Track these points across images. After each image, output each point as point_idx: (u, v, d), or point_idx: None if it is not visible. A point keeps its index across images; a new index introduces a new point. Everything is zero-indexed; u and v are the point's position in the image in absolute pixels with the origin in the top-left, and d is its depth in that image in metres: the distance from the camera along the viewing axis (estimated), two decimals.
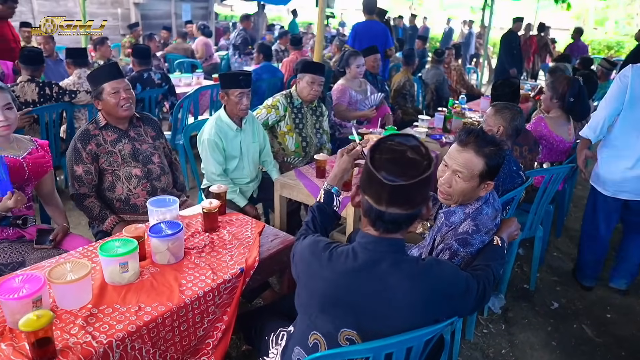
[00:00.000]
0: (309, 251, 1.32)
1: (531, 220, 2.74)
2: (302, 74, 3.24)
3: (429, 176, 1.14)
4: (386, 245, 1.22)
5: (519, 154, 2.73)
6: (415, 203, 1.16)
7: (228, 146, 2.84)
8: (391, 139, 1.21)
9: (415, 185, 1.12)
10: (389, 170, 1.13)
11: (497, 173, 1.62)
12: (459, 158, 1.59)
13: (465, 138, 1.60)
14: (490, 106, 2.42)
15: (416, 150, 1.18)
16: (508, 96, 3.03)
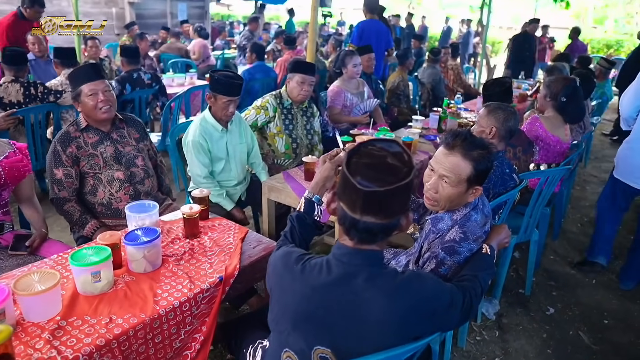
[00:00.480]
0: (282, 263, 1.25)
1: (526, 224, 2.66)
2: (291, 74, 3.16)
3: (408, 185, 1.06)
4: (362, 258, 1.15)
5: (513, 155, 2.66)
6: (392, 212, 1.09)
7: (213, 147, 2.76)
8: (372, 143, 1.13)
9: (391, 193, 1.04)
10: (364, 176, 1.06)
11: (485, 178, 1.55)
12: (445, 162, 1.52)
13: (451, 141, 1.52)
14: (483, 107, 2.34)
15: (398, 156, 1.10)
16: (499, 96, 2.95)
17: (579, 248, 3.55)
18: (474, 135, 1.53)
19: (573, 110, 2.96)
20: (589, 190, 4.79)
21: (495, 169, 2.10)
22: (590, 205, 4.37)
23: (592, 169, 5.47)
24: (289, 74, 3.19)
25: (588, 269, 3.21)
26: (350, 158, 1.10)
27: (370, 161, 1.09)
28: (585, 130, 3.50)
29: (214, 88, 2.69)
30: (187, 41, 8.68)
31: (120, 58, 4.30)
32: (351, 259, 1.15)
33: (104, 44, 8.05)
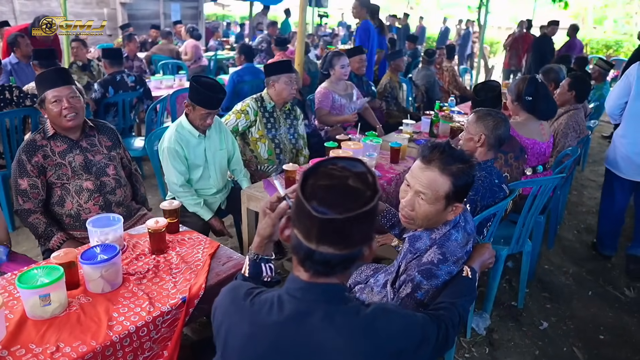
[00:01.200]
0: (229, 298, 1.11)
1: (518, 234, 2.54)
2: (276, 76, 3.03)
3: (371, 211, 0.93)
4: (318, 293, 1.01)
5: (504, 162, 2.53)
6: (353, 242, 0.96)
7: (190, 154, 2.64)
8: (334, 162, 1.00)
9: (351, 221, 0.92)
10: (321, 200, 0.93)
11: (466, 194, 1.42)
12: (421, 177, 1.39)
13: (428, 154, 1.40)
14: (472, 112, 2.22)
15: (361, 178, 0.97)
16: (490, 101, 2.83)
17: (576, 257, 3.43)
18: (453, 148, 1.41)
19: (542, 107, 2.89)
20: (586, 195, 4.67)
21: (484, 180, 1.98)
22: (587, 211, 4.25)
23: (589, 172, 5.34)
24: (271, 77, 3.05)
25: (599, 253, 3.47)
26: (306, 180, 0.97)
27: (328, 183, 0.96)
28: (581, 134, 3.37)
29: (194, 98, 2.56)
30: (180, 42, 8.56)
31: (103, 60, 4.18)
32: (305, 294, 1.01)
33: (95, 44, 7.96)
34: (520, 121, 2.97)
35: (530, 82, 2.92)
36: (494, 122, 2.05)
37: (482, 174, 2.00)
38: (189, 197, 2.61)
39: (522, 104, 2.92)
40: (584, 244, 3.63)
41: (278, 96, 3.05)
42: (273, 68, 3.03)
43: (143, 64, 6.14)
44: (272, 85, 3.03)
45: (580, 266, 3.29)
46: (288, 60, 3.20)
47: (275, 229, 1.25)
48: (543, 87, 2.97)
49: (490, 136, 2.05)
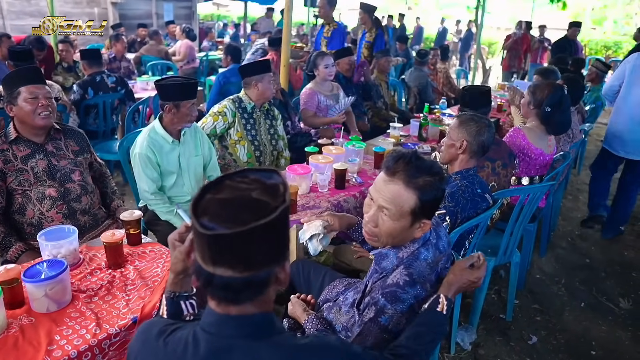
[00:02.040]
0: (141, 341, 0.97)
1: (505, 245, 2.41)
2: (258, 75, 2.90)
3: (272, 224, 0.79)
4: (234, 327, 0.87)
5: (491, 171, 2.40)
6: (253, 262, 0.82)
7: (163, 161, 2.52)
8: (245, 174, 0.88)
9: (245, 237, 0.78)
10: (214, 216, 0.80)
11: (434, 210, 1.30)
12: (385, 191, 1.27)
13: (392, 165, 1.27)
14: (455, 117, 2.09)
15: (271, 190, 0.84)
16: (478, 104, 2.68)
17: (568, 266, 3.30)
18: (421, 158, 1.28)
19: (557, 122, 2.67)
20: (581, 201, 4.54)
21: (465, 190, 1.86)
22: (583, 217, 4.12)
23: (585, 176, 5.20)
24: (253, 77, 2.91)
25: (593, 223, 3.90)
26: (204, 194, 0.84)
27: (229, 196, 0.83)
28: (574, 139, 3.25)
29: (172, 96, 2.44)
30: (172, 42, 8.44)
31: (81, 61, 4.06)
32: (221, 329, 0.88)
33: (85, 44, 7.83)
34: (531, 127, 2.78)
35: (556, 91, 2.69)
36: (477, 127, 1.93)
37: (464, 183, 1.88)
38: (160, 204, 2.49)
39: (539, 112, 2.72)
40: (578, 253, 3.50)
41: (260, 96, 2.94)
42: (253, 68, 2.91)
43: (131, 65, 6.03)
44: (255, 85, 2.91)
45: (573, 276, 3.17)
46: (267, 60, 3.08)
47: (185, 264, 1.11)
48: (567, 100, 2.73)
49: (473, 143, 1.92)
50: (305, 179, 2.43)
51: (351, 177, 2.62)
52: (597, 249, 3.56)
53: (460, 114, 2.10)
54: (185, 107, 2.44)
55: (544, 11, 15.45)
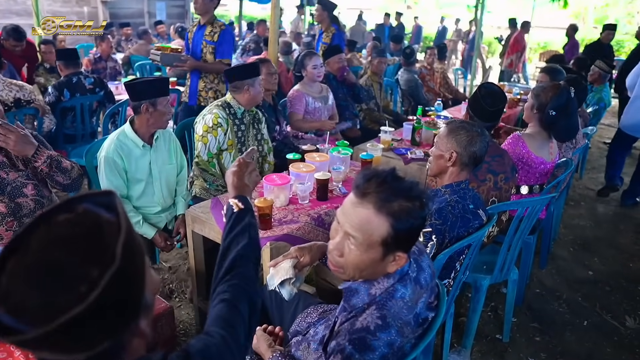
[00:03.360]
0: None
1: (502, 262, 2.21)
2: (251, 79, 2.66)
3: (101, 302, 0.59)
4: None
5: (493, 185, 2.19)
6: (83, 347, 0.61)
7: (131, 167, 2.33)
8: (72, 206, 0.64)
9: (58, 334, 0.58)
10: (12, 307, 0.59)
11: (411, 241, 1.10)
12: (352, 215, 1.07)
13: (363, 185, 1.07)
14: (444, 125, 1.89)
15: (95, 236, 0.62)
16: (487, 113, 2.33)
17: (571, 279, 3.10)
18: (399, 178, 1.08)
19: (563, 127, 2.44)
20: (584, 207, 4.33)
21: (455, 206, 1.66)
22: (585, 225, 3.92)
23: (588, 180, 5.01)
24: (245, 81, 2.68)
25: (608, 191, 4.50)
26: (12, 254, 0.61)
27: (32, 261, 0.60)
28: (577, 144, 3.05)
29: (145, 94, 2.27)
30: (163, 42, 8.24)
31: (57, 62, 3.86)
32: None
33: (73, 45, 7.64)
34: (531, 133, 2.55)
35: (562, 93, 2.44)
36: (467, 137, 1.72)
37: (454, 198, 1.68)
38: None
39: (542, 116, 2.49)
40: (580, 263, 3.30)
41: (252, 100, 2.72)
42: (244, 72, 2.68)
43: (118, 65, 5.83)
44: (247, 90, 2.68)
45: (575, 290, 2.97)
46: (257, 62, 2.88)
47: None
48: (573, 104, 2.49)
49: (463, 154, 1.72)
50: (284, 190, 2.23)
51: (335, 187, 2.42)
52: (601, 260, 3.36)
53: (450, 120, 1.90)
54: (162, 104, 2.29)
55: (544, 10, 15.23)
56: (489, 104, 2.29)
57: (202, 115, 2.69)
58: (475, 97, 2.37)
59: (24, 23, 7.81)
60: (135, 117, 2.35)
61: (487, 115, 2.29)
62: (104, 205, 0.64)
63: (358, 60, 6.80)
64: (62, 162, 2.03)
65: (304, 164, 2.46)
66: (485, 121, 2.26)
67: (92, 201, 0.64)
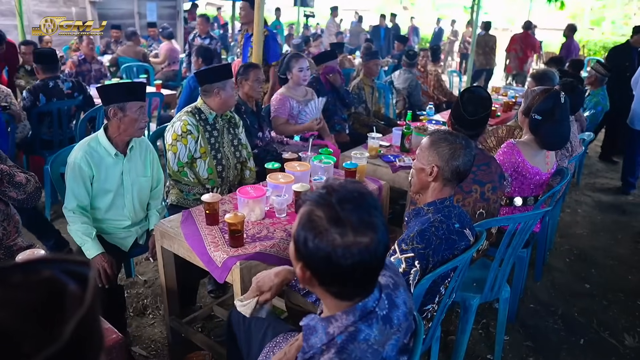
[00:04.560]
0: None
1: (492, 281, 2.07)
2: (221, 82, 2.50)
3: None
4: None
5: (480, 196, 2.05)
6: None
7: (101, 176, 2.18)
8: (36, 268, 0.52)
9: None
10: None
11: (336, 275, 0.95)
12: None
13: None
14: (427, 136, 1.74)
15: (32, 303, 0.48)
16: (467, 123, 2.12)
17: (567, 292, 2.96)
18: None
19: (548, 133, 2.28)
20: (580, 214, 4.19)
21: (439, 227, 1.51)
22: (582, 234, 3.78)
23: (585, 186, 4.87)
24: (215, 85, 2.52)
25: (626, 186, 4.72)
26: None
27: None
28: (574, 152, 2.90)
29: (115, 98, 2.13)
30: (154, 43, 8.10)
31: (35, 65, 3.71)
32: None
33: (60, 46, 7.48)
34: (526, 141, 2.39)
35: (549, 98, 2.27)
36: (450, 149, 1.57)
37: (437, 217, 1.53)
38: (78, 223, 2.12)
39: (529, 120, 2.36)
40: (576, 276, 3.16)
41: (224, 105, 2.58)
42: (214, 74, 2.54)
43: (103, 67, 5.67)
44: (217, 93, 2.54)
45: (571, 305, 2.83)
46: (228, 64, 2.73)
47: None
48: (562, 110, 2.28)
49: (445, 168, 1.57)
50: (259, 203, 2.08)
51: None
52: (598, 271, 3.22)
53: (434, 131, 1.74)
54: (132, 110, 2.13)
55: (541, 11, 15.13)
56: (470, 112, 2.09)
57: (172, 122, 2.55)
58: (457, 103, 2.17)
59: (9, 24, 7.67)
60: (108, 124, 2.22)
61: (467, 124, 2.10)
62: (75, 275, 0.51)
63: (350, 62, 6.66)
64: (15, 175, 1.89)
65: (283, 174, 2.31)
66: (467, 130, 2.10)
67: (64, 268, 0.51)
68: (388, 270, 1.11)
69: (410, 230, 1.50)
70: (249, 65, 3.08)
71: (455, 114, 2.15)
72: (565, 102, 2.27)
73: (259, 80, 3.02)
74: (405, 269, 1.43)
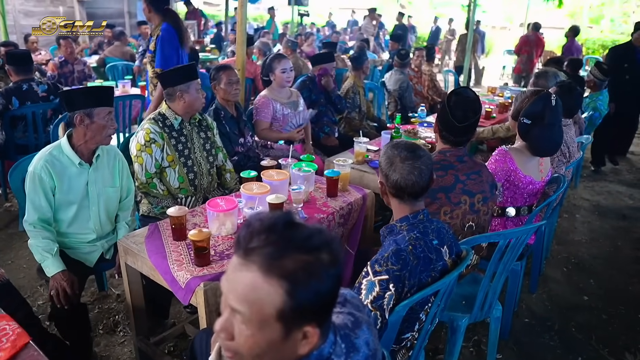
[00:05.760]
0: None
1: (482, 300, 1.91)
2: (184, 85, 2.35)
3: None
4: None
5: (469, 208, 1.89)
6: None
7: (63, 187, 2.03)
8: None
9: None
10: None
11: (325, 309, 0.79)
12: (235, 283, 0.78)
13: (244, 239, 0.77)
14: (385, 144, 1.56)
15: None
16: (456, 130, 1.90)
17: (563, 305, 2.80)
18: (296, 224, 0.77)
19: (536, 138, 2.12)
20: (579, 220, 4.04)
21: (415, 245, 1.35)
22: (580, 241, 3.63)
23: (583, 190, 4.72)
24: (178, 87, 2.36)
25: None
26: None
27: None
28: (571, 158, 2.75)
29: (81, 104, 1.99)
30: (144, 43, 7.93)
31: (7, 67, 3.55)
32: None
33: (47, 47, 7.32)
34: (518, 147, 2.23)
35: (539, 100, 2.12)
36: (386, 163, 1.40)
37: (413, 235, 1.37)
38: (39, 239, 1.98)
39: (518, 124, 2.21)
40: (574, 286, 3.01)
41: (189, 108, 2.43)
42: (177, 76, 2.39)
43: (86, 68, 5.50)
44: (181, 96, 2.39)
45: (568, 319, 2.68)
46: (193, 64, 2.56)
47: None
48: (553, 114, 2.12)
49: (387, 184, 1.42)
50: (230, 216, 1.93)
51: (293, 211, 2.12)
52: (597, 282, 3.07)
53: (392, 141, 1.53)
54: (100, 116, 2.00)
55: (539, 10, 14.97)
56: (459, 118, 1.89)
57: (136, 132, 2.40)
58: (444, 107, 1.96)
59: None
60: (73, 131, 2.07)
61: (456, 131, 1.92)
62: None
63: (342, 62, 6.50)
64: None
65: (259, 184, 2.15)
66: (457, 137, 1.94)
67: None
68: (347, 306, 0.96)
69: (385, 249, 1.35)
70: (219, 68, 2.94)
71: (442, 120, 1.98)
72: (557, 105, 2.11)
73: (232, 82, 2.87)
74: (379, 293, 1.27)
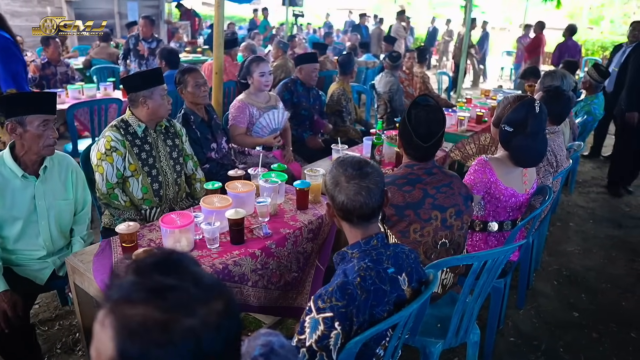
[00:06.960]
0: None
1: (457, 325, 1.77)
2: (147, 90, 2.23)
3: None
4: None
5: (441, 223, 1.75)
6: None
7: (5, 201, 1.90)
8: None
9: None
10: None
11: None
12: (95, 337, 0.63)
13: (108, 293, 0.63)
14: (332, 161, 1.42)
15: None
16: (421, 150, 1.74)
17: (552, 322, 2.65)
18: (163, 259, 0.62)
19: (518, 148, 1.98)
20: (572, 228, 3.89)
21: (365, 276, 1.19)
22: (572, 252, 3.48)
23: (578, 196, 4.58)
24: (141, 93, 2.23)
25: None
26: None
27: None
28: (560, 167, 2.60)
29: (13, 111, 1.85)
30: None
31: None
32: None
33: (35, 47, 7.18)
34: (500, 157, 2.08)
35: (522, 107, 1.96)
36: (332, 182, 1.26)
37: (364, 265, 1.21)
38: None
39: (499, 132, 2.07)
40: (564, 302, 2.86)
41: (153, 115, 2.29)
42: (140, 81, 2.26)
43: (70, 70, 5.36)
44: (144, 102, 2.26)
45: (557, 337, 2.53)
46: (158, 69, 2.43)
47: None
48: (536, 122, 1.96)
49: (334, 206, 1.28)
50: (187, 233, 1.79)
51: (256, 227, 1.97)
52: (589, 297, 2.92)
53: (339, 157, 1.37)
54: (33, 124, 1.84)
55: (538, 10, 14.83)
56: (423, 137, 1.70)
57: (97, 140, 2.26)
58: (404, 124, 1.78)
59: None
60: (15, 141, 1.93)
61: (423, 151, 1.75)
62: None
63: (332, 64, 6.36)
64: None
65: (221, 196, 2.01)
66: (422, 154, 1.78)
67: None
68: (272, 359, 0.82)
69: (331, 282, 1.20)
70: (184, 71, 2.80)
71: (406, 140, 1.80)
72: (541, 112, 1.96)
73: (199, 84, 2.74)
74: (324, 332, 1.13)
